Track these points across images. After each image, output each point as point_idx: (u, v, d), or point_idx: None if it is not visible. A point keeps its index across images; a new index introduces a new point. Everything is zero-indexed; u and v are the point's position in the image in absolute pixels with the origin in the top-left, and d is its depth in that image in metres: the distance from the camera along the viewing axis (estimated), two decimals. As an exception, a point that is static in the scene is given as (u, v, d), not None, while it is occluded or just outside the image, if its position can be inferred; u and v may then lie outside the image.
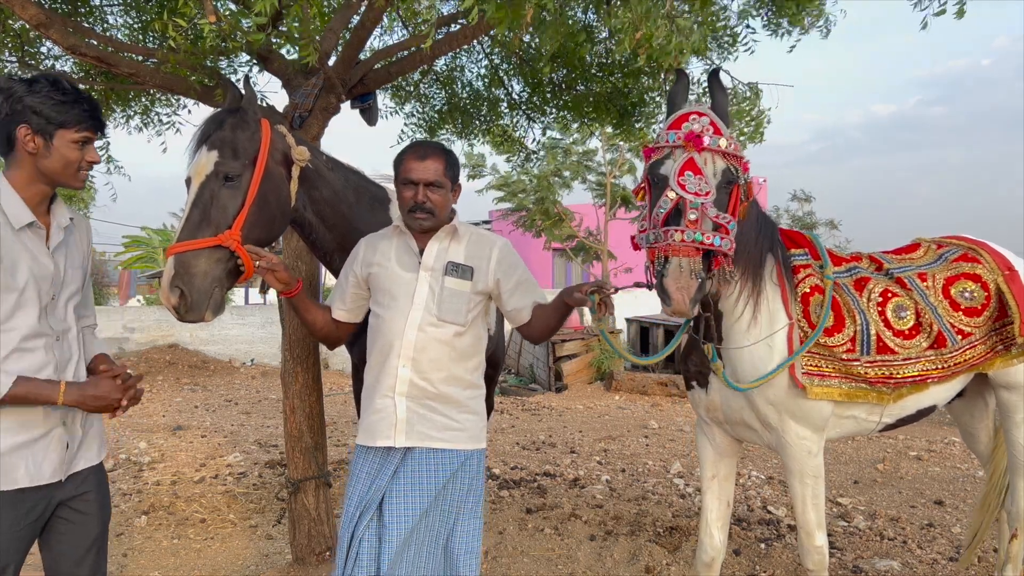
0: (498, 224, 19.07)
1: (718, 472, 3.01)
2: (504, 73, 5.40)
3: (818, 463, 2.75)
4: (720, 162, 2.33)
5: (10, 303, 1.90)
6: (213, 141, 2.42)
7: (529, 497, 5.31)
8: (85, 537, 2.10)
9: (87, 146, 2.00)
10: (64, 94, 1.95)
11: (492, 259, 2.43)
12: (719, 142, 2.31)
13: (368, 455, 2.38)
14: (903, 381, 2.76)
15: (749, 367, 2.68)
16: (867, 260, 3.04)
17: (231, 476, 5.87)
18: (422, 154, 2.36)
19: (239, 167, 2.40)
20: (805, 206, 25.13)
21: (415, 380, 2.32)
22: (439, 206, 2.35)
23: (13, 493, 1.92)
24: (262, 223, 2.45)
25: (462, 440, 2.37)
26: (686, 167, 2.29)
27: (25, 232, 1.95)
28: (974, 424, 3.47)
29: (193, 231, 2.32)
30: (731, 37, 4.31)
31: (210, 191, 2.37)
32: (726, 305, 2.65)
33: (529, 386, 12.24)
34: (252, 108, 2.52)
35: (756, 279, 2.63)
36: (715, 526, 2.97)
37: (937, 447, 6.99)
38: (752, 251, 2.59)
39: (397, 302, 2.36)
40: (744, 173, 2.38)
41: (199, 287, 2.28)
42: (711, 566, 2.98)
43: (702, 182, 2.27)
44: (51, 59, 4.63)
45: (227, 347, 14.26)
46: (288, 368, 3.82)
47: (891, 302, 2.82)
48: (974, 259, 2.99)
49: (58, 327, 2.02)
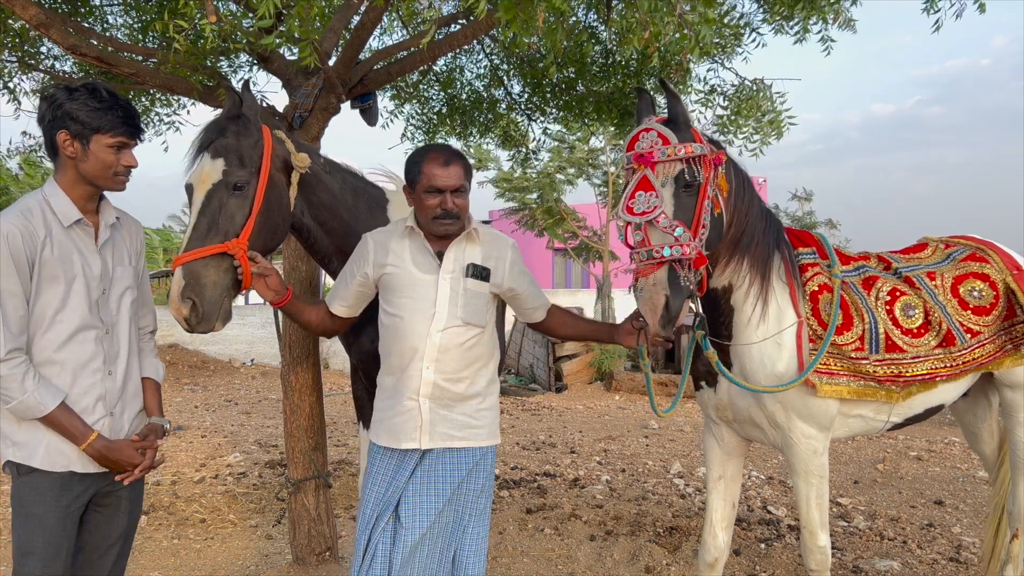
0: (499, 223, 19.06)
1: (725, 473, 3.00)
2: (504, 73, 5.40)
3: (823, 462, 2.76)
4: (673, 169, 2.32)
5: (61, 295, 2.02)
6: (217, 148, 2.39)
7: (529, 497, 5.31)
8: (114, 529, 2.21)
9: (123, 151, 2.09)
10: (100, 101, 2.03)
11: (507, 260, 2.45)
12: (668, 151, 2.31)
13: (385, 455, 2.39)
14: (912, 379, 2.76)
15: (758, 364, 2.68)
16: (875, 259, 3.04)
17: (231, 476, 5.87)
18: (445, 160, 2.33)
19: (247, 175, 2.39)
20: (805, 205, 25.14)
21: (439, 382, 2.32)
22: (464, 211, 2.37)
23: (66, 476, 2.04)
24: (267, 231, 2.44)
25: (481, 437, 2.40)
26: (638, 188, 2.34)
27: (74, 229, 2.08)
28: (977, 424, 3.47)
29: (203, 239, 2.28)
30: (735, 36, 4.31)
31: (218, 200, 2.34)
32: (736, 300, 2.65)
33: (529, 386, 12.24)
34: (253, 114, 2.50)
35: (765, 275, 2.62)
36: (719, 527, 2.96)
37: (937, 447, 6.99)
38: (759, 246, 2.60)
39: (417, 304, 2.34)
40: (714, 167, 2.36)
41: (210, 297, 2.26)
42: (714, 566, 2.97)
43: (651, 198, 2.30)
44: (51, 59, 4.63)
45: (227, 347, 14.26)
46: (288, 368, 3.82)
47: (899, 301, 2.82)
48: (982, 259, 3.00)
49: (108, 321, 2.13)
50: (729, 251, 2.57)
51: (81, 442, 2.02)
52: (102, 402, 2.10)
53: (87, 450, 2.03)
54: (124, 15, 4.79)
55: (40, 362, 2.02)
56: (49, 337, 2.02)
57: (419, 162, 2.35)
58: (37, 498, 2.02)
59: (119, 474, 2.11)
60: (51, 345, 2.02)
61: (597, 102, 4.97)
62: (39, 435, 2.02)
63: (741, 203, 2.54)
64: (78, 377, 2.06)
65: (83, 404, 2.06)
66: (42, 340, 2.02)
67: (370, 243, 2.46)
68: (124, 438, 2.15)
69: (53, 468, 2.02)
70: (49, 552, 2.01)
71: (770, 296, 2.64)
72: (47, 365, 2.02)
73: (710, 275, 2.55)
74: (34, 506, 2.02)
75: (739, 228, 2.55)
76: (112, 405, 2.12)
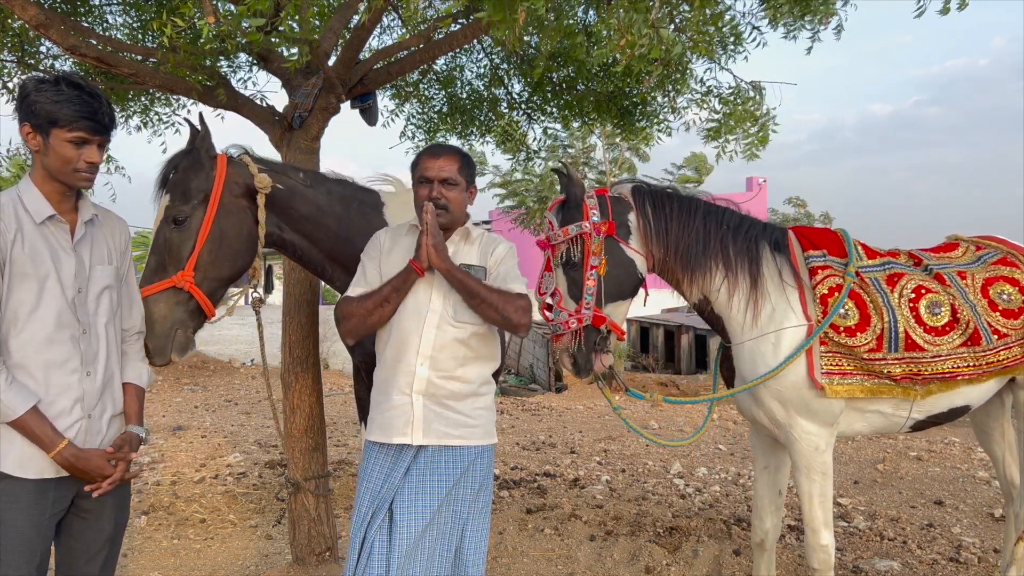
0: (498, 223, 19.08)
1: (769, 463, 3.18)
2: (504, 73, 5.40)
3: (825, 460, 2.79)
4: (561, 251, 2.73)
5: (34, 293, 1.95)
6: (169, 185, 2.50)
7: (529, 497, 5.31)
8: (100, 535, 2.13)
9: (85, 146, 1.98)
10: (60, 93, 1.94)
11: (497, 252, 2.47)
12: (556, 235, 2.73)
13: (380, 452, 2.38)
14: (931, 377, 2.77)
15: (748, 364, 2.79)
16: (905, 256, 3.06)
17: (231, 476, 5.87)
18: (437, 152, 2.42)
19: (188, 209, 2.47)
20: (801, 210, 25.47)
21: (433, 378, 2.32)
22: (453, 203, 2.38)
23: (40, 482, 1.96)
24: (223, 259, 2.52)
25: (476, 436, 2.39)
26: (545, 269, 2.82)
27: (47, 226, 2.00)
28: (989, 423, 3.47)
29: (150, 277, 2.40)
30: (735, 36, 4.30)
31: (163, 235, 2.46)
32: (719, 309, 2.84)
33: (529, 386, 12.24)
34: (205, 147, 2.55)
35: (753, 282, 2.76)
36: (765, 511, 3.17)
37: (937, 447, 6.99)
38: (733, 257, 2.78)
39: (412, 300, 2.36)
40: (593, 236, 2.67)
41: (157, 333, 2.36)
42: (762, 545, 3.19)
43: (550, 279, 2.80)
44: (51, 59, 4.63)
45: (227, 347, 14.27)
46: (288, 368, 3.81)
47: (924, 298, 2.82)
48: (1013, 264, 3.02)
49: (85, 320, 2.05)
50: (685, 272, 2.80)
51: (50, 449, 1.93)
52: (80, 404, 2.02)
53: (56, 458, 1.94)
54: (123, 15, 4.79)
55: (15, 363, 1.94)
56: (24, 337, 1.94)
57: (417, 157, 2.45)
58: (8, 504, 1.93)
59: (89, 484, 2.02)
60: (26, 345, 1.94)
61: (597, 101, 4.97)
62: (10, 440, 1.93)
63: (669, 229, 2.77)
64: (54, 378, 1.98)
65: (60, 406, 1.98)
66: (17, 340, 1.94)
67: (380, 238, 2.51)
68: (103, 442, 2.07)
69: (24, 474, 1.94)
70: (21, 560, 1.93)
71: (762, 300, 2.77)
72: (21, 366, 1.94)
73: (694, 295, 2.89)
74: (5, 512, 1.93)
75: (676, 250, 2.77)
76: (91, 407, 2.04)
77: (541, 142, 5.83)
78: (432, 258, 2.27)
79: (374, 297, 2.33)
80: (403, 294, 2.33)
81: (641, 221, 2.78)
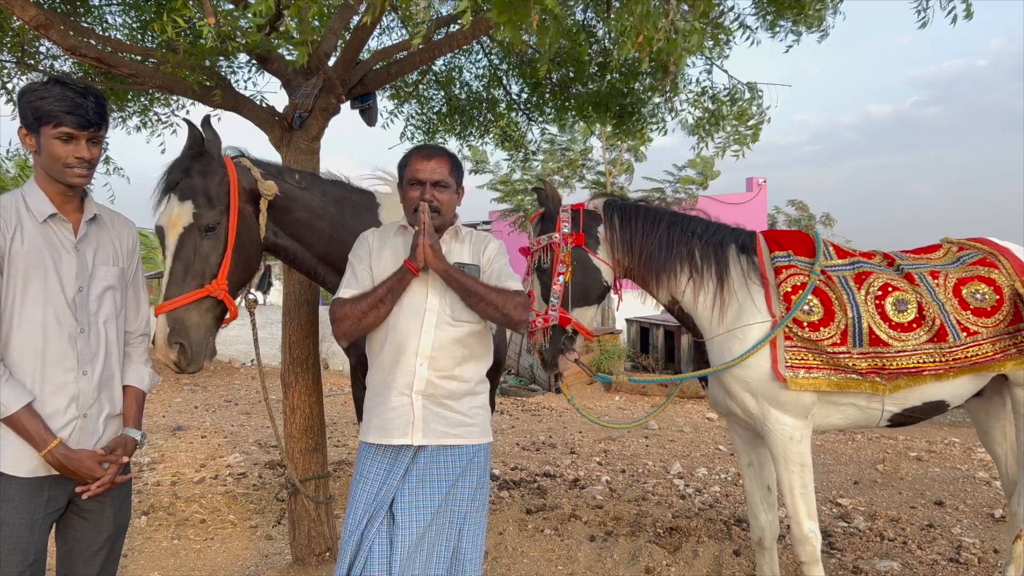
0: (498, 224, 19.07)
1: (752, 460, 3.28)
2: (503, 73, 5.40)
3: (802, 451, 2.89)
4: (534, 258, 3.00)
5: (32, 290, 1.96)
6: (184, 190, 2.41)
7: (529, 498, 5.31)
8: (100, 535, 2.13)
9: (73, 142, 1.98)
10: (46, 91, 1.95)
11: (488, 249, 2.48)
12: (534, 244, 3.02)
13: (377, 454, 2.37)
14: (898, 372, 2.86)
15: (717, 357, 2.95)
16: (880, 256, 3.14)
17: (231, 477, 5.87)
18: (428, 154, 2.40)
19: (217, 215, 2.43)
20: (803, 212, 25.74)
21: (432, 378, 2.32)
22: (446, 205, 2.38)
23: (34, 481, 1.97)
24: (241, 265, 2.50)
25: (474, 435, 2.39)
26: (526, 274, 3.00)
27: (49, 225, 2.02)
28: (990, 422, 3.49)
29: (180, 286, 2.35)
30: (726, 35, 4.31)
31: (192, 243, 2.39)
32: (687, 307, 3.03)
33: (529, 386, 12.24)
34: (216, 151, 2.51)
35: (719, 282, 2.94)
36: (758, 508, 3.27)
37: (937, 447, 6.99)
38: (699, 260, 2.97)
39: (408, 301, 2.35)
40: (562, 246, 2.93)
41: (196, 339, 2.34)
42: (761, 543, 3.27)
43: (528, 282, 2.99)
44: (51, 59, 4.63)
45: (227, 347, 14.25)
46: (288, 368, 3.81)
47: (891, 296, 2.92)
48: (992, 264, 3.06)
49: (84, 320, 2.05)
50: (651, 276, 3.01)
51: (41, 448, 1.93)
52: (75, 403, 2.01)
53: (46, 457, 1.94)
54: (123, 15, 4.79)
55: (12, 360, 1.95)
56: (20, 334, 1.95)
57: (406, 159, 2.43)
58: (1, 503, 1.93)
59: (81, 485, 2.01)
60: (23, 342, 1.95)
61: (595, 101, 4.97)
62: (4, 438, 1.94)
63: (634, 239, 2.98)
64: (49, 375, 1.97)
65: (55, 404, 1.98)
66: (13, 336, 1.95)
67: (368, 239, 2.49)
68: (99, 442, 2.07)
69: (17, 472, 1.94)
70: (14, 559, 1.94)
71: (729, 298, 2.94)
72: (18, 364, 1.95)
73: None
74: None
75: (641, 257, 2.97)
76: (87, 406, 2.04)
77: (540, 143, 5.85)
78: (430, 259, 2.27)
79: (369, 298, 2.31)
80: (398, 295, 2.32)
81: (609, 233, 3.01)
